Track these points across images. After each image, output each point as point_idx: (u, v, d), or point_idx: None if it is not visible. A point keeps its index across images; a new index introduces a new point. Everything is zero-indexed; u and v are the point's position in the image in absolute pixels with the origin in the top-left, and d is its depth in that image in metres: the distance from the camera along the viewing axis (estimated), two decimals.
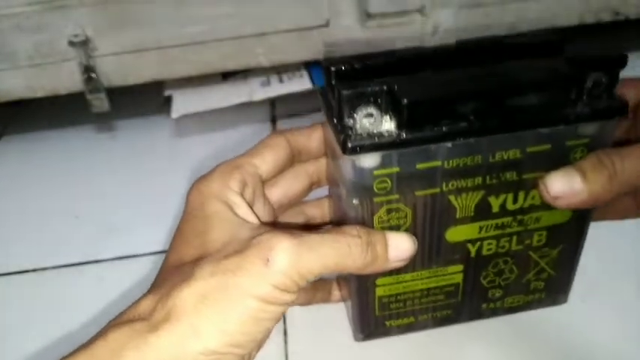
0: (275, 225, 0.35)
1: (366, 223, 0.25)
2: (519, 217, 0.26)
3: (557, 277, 0.31)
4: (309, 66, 0.70)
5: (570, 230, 0.28)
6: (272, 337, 0.44)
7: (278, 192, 0.35)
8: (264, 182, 0.34)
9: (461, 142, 0.21)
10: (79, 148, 0.71)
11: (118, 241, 0.55)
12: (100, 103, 0.68)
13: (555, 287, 0.32)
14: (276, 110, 0.73)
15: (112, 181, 0.64)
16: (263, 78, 0.69)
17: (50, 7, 0.63)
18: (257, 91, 0.68)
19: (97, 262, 0.53)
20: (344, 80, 0.23)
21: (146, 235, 0.55)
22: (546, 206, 0.26)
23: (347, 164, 0.22)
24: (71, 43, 0.64)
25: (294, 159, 0.35)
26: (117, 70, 0.67)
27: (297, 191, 0.36)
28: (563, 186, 0.25)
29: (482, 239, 0.26)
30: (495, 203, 0.25)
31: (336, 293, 0.41)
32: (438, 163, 0.22)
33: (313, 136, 0.33)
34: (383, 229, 0.25)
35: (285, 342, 0.44)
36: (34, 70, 0.67)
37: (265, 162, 0.33)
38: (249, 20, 0.65)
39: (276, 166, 0.34)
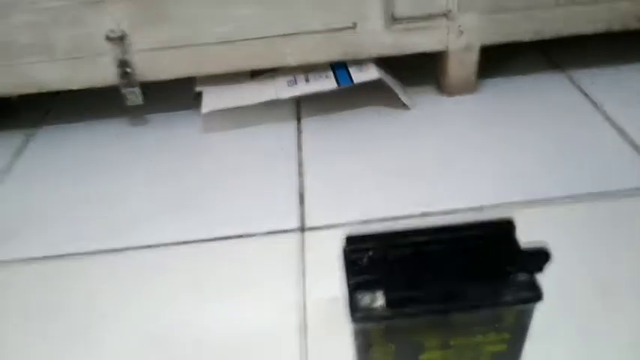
0: None
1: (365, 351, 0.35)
2: (470, 348, 0.35)
3: None
4: (335, 66, 0.72)
5: (508, 354, 0.36)
6: (291, 332, 0.46)
7: None
8: None
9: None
10: (112, 138, 0.73)
11: (144, 230, 0.57)
12: (134, 96, 0.70)
13: None
14: (302, 109, 0.75)
15: (142, 171, 0.66)
16: (290, 77, 0.71)
17: (87, 2, 0.65)
18: (284, 89, 0.70)
19: (125, 249, 0.55)
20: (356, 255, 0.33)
21: (171, 225, 0.57)
22: (489, 342, 0.35)
23: (354, 325, 0.32)
24: (108, 38, 0.66)
25: None
26: (150, 66, 0.69)
27: None
28: None
29: (446, 358, 0.36)
30: (454, 342, 0.34)
31: None
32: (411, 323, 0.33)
33: None
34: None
35: (305, 337, 0.45)
36: (71, 63, 0.69)
37: None
38: (278, 21, 0.67)
39: None
